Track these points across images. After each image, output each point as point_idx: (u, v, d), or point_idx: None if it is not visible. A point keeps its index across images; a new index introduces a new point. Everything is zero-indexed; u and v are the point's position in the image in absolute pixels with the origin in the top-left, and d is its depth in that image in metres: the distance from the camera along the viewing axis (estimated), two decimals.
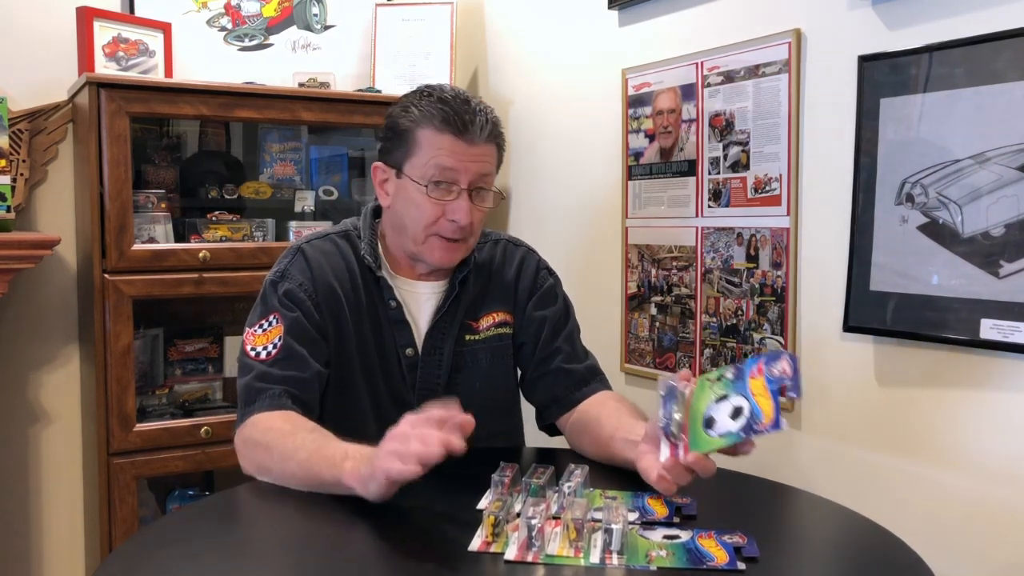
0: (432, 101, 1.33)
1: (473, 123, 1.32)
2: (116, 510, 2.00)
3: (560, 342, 1.45)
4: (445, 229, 1.34)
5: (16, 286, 2.16)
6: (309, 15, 2.51)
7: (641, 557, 0.93)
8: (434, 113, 1.32)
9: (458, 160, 1.32)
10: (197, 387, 2.29)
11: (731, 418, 1.01)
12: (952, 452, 1.39)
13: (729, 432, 1.00)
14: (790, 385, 0.99)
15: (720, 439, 1.00)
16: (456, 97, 1.34)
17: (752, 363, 1.03)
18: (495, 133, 1.37)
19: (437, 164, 1.32)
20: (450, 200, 1.33)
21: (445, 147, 1.32)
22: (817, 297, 1.60)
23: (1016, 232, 1.27)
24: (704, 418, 1.03)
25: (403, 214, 1.37)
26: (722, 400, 1.03)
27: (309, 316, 1.35)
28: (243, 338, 1.36)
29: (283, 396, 1.29)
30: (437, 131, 1.32)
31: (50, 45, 2.21)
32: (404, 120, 1.35)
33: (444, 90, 1.36)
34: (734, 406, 1.01)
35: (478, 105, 1.35)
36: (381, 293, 1.40)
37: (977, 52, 1.31)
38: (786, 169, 1.64)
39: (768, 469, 1.53)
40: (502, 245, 1.52)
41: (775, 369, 1.00)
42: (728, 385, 1.04)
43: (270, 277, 1.40)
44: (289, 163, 2.41)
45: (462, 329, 1.43)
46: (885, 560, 0.99)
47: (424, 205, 1.33)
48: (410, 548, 1.00)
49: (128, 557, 1.00)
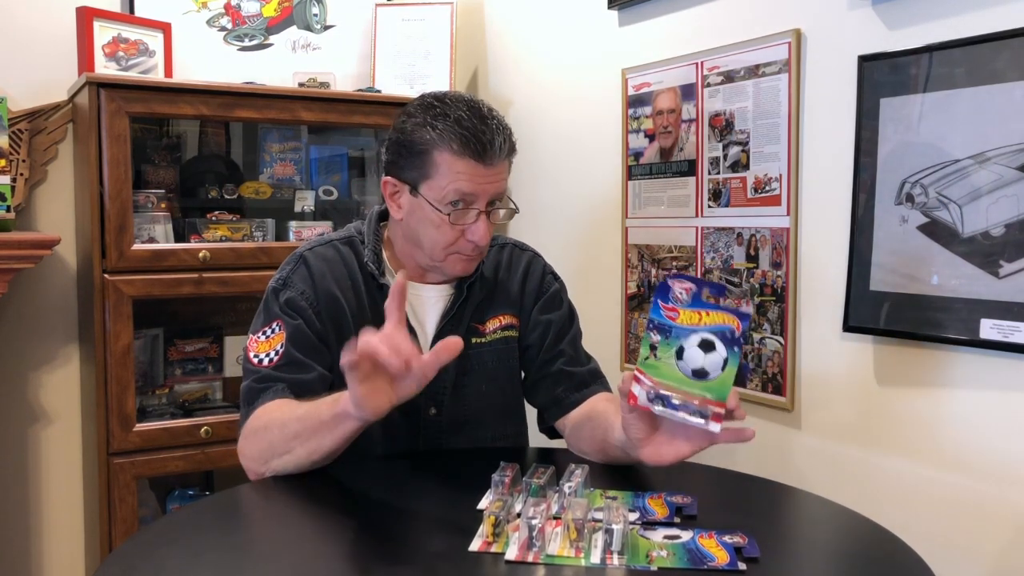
0: (449, 122, 1.29)
1: (492, 145, 1.29)
2: (116, 510, 2.00)
3: (563, 345, 1.46)
4: (464, 248, 1.34)
5: (16, 286, 2.16)
6: (309, 15, 2.51)
7: (642, 557, 0.94)
8: (453, 136, 1.28)
9: (477, 184, 1.30)
10: (197, 387, 2.29)
11: (707, 352, 1.00)
12: (952, 452, 1.39)
13: (723, 359, 0.99)
14: (710, 290, 0.98)
15: (726, 373, 0.99)
16: (472, 116, 1.29)
17: (654, 313, 1.01)
18: (510, 148, 1.34)
19: (456, 189, 1.29)
20: (469, 223, 1.32)
21: (464, 171, 1.29)
22: (817, 297, 1.60)
23: (1016, 232, 1.27)
24: (692, 374, 1.01)
25: (419, 232, 1.35)
26: (681, 353, 1.01)
27: (311, 324, 1.35)
28: (246, 344, 1.37)
29: (286, 391, 1.29)
30: (456, 155, 1.28)
31: (50, 45, 2.21)
32: (419, 139, 1.31)
33: (459, 106, 1.31)
34: (700, 343, 1.00)
35: (494, 123, 1.31)
36: (385, 298, 1.39)
37: (977, 52, 1.31)
38: (786, 169, 1.64)
39: (768, 469, 1.53)
40: (508, 249, 1.52)
41: (678, 294, 0.99)
42: (668, 345, 1.02)
43: (272, 284, 1.40)
44: (289, 163, 2.41)
45: (469, 332, 1.42)
46: (885, 560, 0.99)
47: (443, 227, 1.32)
48: (410, 548, 1.00)
49: (128, 557, 1.00)
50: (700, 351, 1.01)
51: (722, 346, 1.00)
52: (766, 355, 1.69)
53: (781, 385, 1.65)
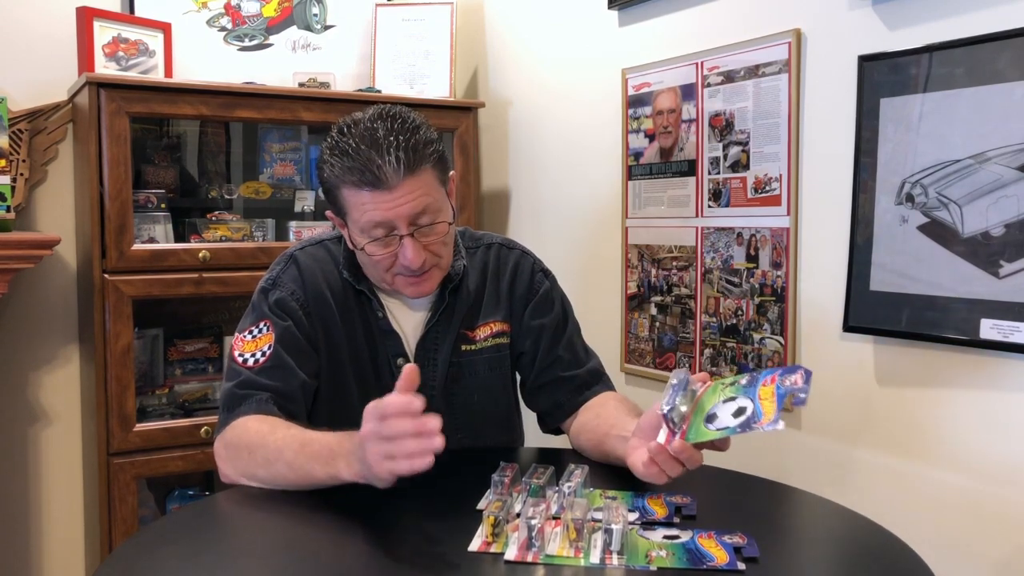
0: (342, 157, 1.24)
1: (383, 171, 1.21)
2: (116, 510, 2.00)
3: (560, 350, 1.43)
4: (404, 271, 1.30)
5: (16, 286, 2.16)
6: (309, 15, 2.51)
7: (641, 557, 0.93)
8: (347, 171, 1.23)
9: (386, 211, 1.23)
10: (197, 387, 2.29)
11: (733, 416, 1.02)
12: (952, 452, 1.39)
13: (726, 427, 1.01)
14: (799, 397, 1.00)
15: (715, 432, 1.02)
16: (363, 143, 1.23)
17: (767, 373, 1.05)
18: (417, 160, 1.24)
19: (368, 221, 1.25)
20: (395, 249, 1.27)
21: (368, 203, 1.24)
22: (817, 297, 1.60)
23: (1016, 232, 1.27)
24: (708, 414, 1.05)
25: (362, 261, 1.34)
26: (729, 401, 1.05)
27: (300, 325, 1.34)
28: (232, 343, 1.36)
29: (268, 402, 1.27)
30: (355, 188, 1.24)
31: (50, 45, 2.21)
32: (326, 178, 1.28)
33: (354, 135, 1.24)
34: (739, 406, 1.03)
35: (392, 138, 1.22)
36: (370, 303, 1.39)
37: (977, 52, 1.31)
38: (786, 169, 1.63)
39: (768, 469, 1.53)
40: (495, 250, 1.48)
41: (788, 380, 1.01)
42: (739, 389, 1.05)
43: (262, 284, 1.39)
44: (289, 163, 2.41)
45: (459, 339, 1.41)
46: (885, 560, 0.99)
47: (375, 257, 1.29)
48: (410, 548, 1.00)
49: (128, 557, 1.00)
50: (735, 407, 1.03)
51: (738, 420, 1.01)
52: (766, 355, 1.69)
53: None
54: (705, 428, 1.03)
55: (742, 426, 1.00)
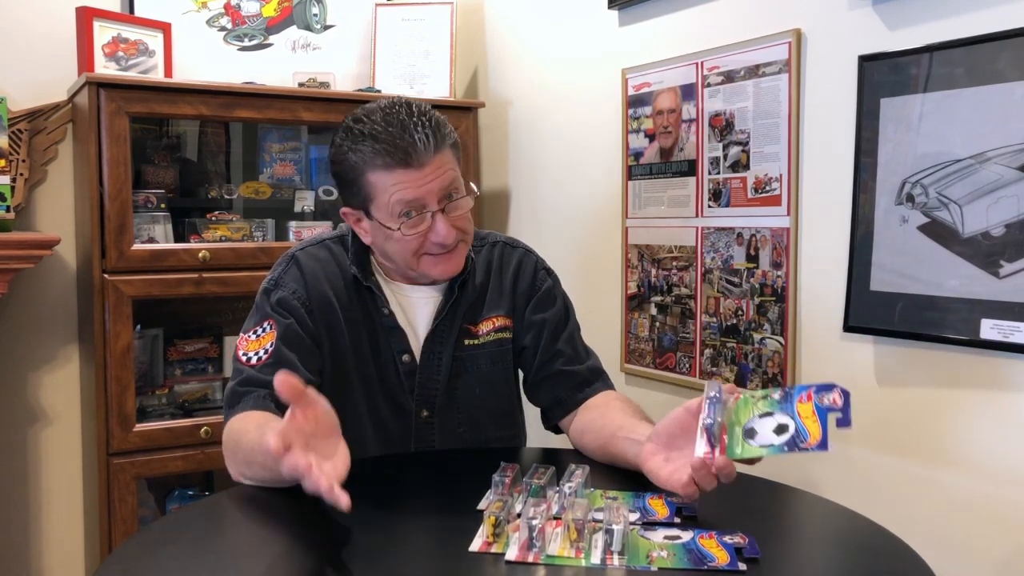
0: (367, 141, 1.25)
1: (415, 146, 1.24)
2: (116, 510, 2.00)
3: (561, 344, 1.44)
4: (433, 249, 1.32)
5: (16, 286, 2.16)
6: (309, 15, 2.51)
7: (642, 558, 0.93)
8: (374, 154, 1.25)
9: (418, 188, 1.26)
10: (197, 387, 2.29)
11: (774, 433, 1.01)
12: (952, 452, 1.39)
13: (772, 444, 1.00)
14: (841, 417, 0.99)
15: (761, 449, 1.01)
16: (388, 124, 1.25)
17: (801, 389, 1.04)
18: (442, 137, 1.28)
19: (400, 200, 1.27)
20: (426, 228, 1.29)
21: (400, 182, 1.26)
22: (817, 297, 1.60)
23: (1016, 232, 1.27)
24: (745, 428, 1.03)
25: (387, 249, 1.34)
26: (766, 416, 1.03)
27: (303, 323, 1.34)
28: (236, 343, 1.37)
29: (266, 399, 1.27)
30: (384, 171, 1.26)
31: (50, 45, 2.21)
32: (348, 167, 1.29)
33: (374, 120, 1.27)
34: (779, 423, 1.01)
35: (415, 121, 1.26)
36: (375, 300, 1.40)
37: (977, 52, 1.31)
38: (786, 169, 1.63)
39: (768, 469, 1.52)
40: (499, 247, 1.50)
41: (826, 398, 1.01)
42: (773, 404, 1.04)
43: (264, 285, 1.40)
44: (289, 163, 2.41)
45: (461, 334, 1.42)
46: (885, 560, 0.99)
47: (403, 240, 1.30)
48: (410, 548, 1.00)
49: (128, 557, 1.00)
50: (775, 424, 1.02)
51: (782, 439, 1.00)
52: (766, 355, 1.69)
53: (781, 385, 1.65)
54: (748, 444, 1.02)
55: (788, 445, 0.99)
